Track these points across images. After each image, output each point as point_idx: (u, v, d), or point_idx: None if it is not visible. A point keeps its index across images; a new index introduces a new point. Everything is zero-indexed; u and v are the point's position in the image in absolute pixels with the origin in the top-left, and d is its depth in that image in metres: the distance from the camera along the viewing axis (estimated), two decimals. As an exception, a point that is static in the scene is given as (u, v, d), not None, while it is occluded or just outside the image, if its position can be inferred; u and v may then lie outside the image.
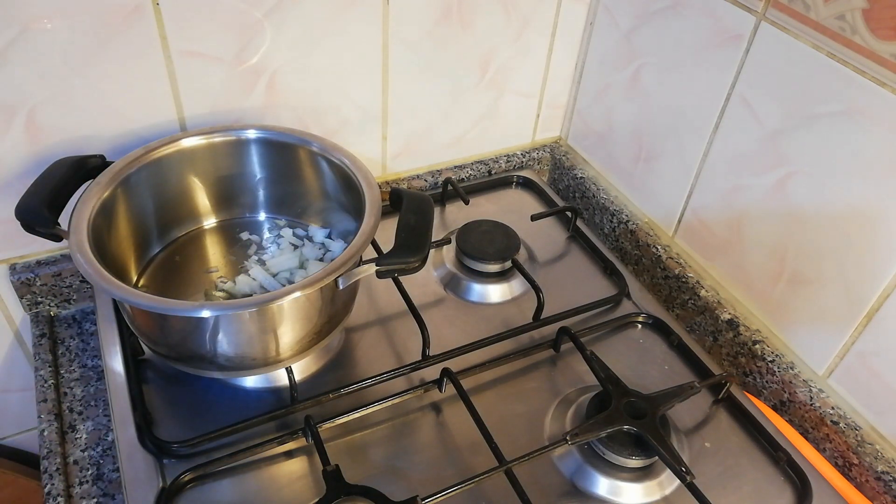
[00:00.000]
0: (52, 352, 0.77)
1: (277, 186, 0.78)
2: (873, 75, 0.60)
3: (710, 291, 0.82)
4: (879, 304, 0.65)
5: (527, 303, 0.80)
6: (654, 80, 0.84)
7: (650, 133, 0.87)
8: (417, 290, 0.79)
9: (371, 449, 0.65)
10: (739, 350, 0.78)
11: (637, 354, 0.76)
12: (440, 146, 0.95)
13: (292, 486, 0.62)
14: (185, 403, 0.67)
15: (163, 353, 0.66)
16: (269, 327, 0.61)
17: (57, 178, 0.64)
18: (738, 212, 0.77)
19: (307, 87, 0.80)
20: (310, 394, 0.67)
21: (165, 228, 0.76)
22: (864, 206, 0.64)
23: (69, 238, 0.60)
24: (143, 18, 0.68)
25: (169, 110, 0.75)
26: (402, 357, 0.73)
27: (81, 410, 0.71)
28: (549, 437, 0.68)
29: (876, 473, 0.66)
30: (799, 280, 0.72)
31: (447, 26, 0.83)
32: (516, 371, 0.73)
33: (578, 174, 1.00)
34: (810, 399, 0.72)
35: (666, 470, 0.64)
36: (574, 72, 0.97)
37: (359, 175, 0.69)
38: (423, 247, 0.63)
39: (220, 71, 0.74)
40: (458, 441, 0.66)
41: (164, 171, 0.72)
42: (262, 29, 0.73)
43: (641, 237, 0.90)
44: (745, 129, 0.73)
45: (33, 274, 0.76)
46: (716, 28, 0.74)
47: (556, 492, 0.63)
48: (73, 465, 0.66)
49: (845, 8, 0.61)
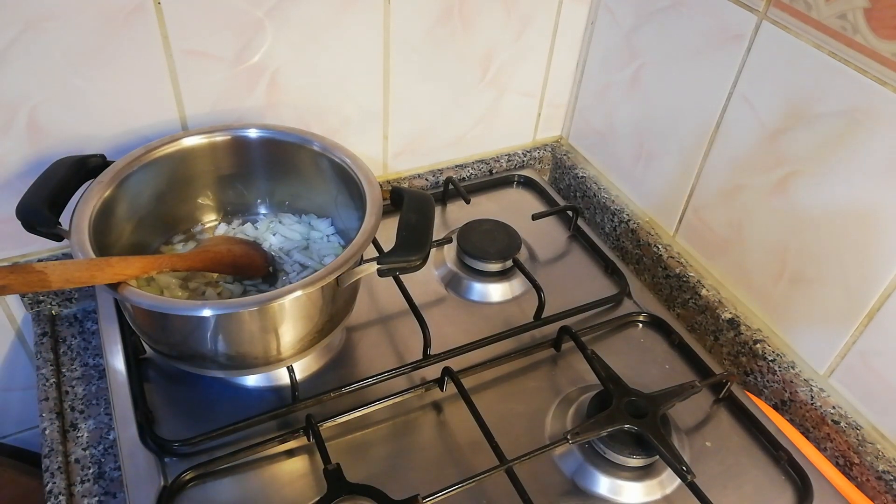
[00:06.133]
0: (54, 350, 0.77)
1: (278, 185, 0.78)
2: (875, 75, 0.60)
3: (710, 291, 0.82)
4: (881, 304, 0.65)
5: (528, 302, 0.80)
6: (655, 79, 0.84)
7: (651, 132, 0.87)
8: (418, 289, 0.79)
9: (372, 448, 0.65)
10: (740, 349, 0.78)
11: (638, 354, 0.76)
12: (441, 145, 0.95)
13: (293, 485, 0.62)
14: (186, 402, 0.67)
15: (164, 351, 0.66)
16: (270, 326, 0.61)
17: (58, 177, 0.64)
18: (738, 211, 0.77)
19: (308, 86, 0.80)
20: (311, 393, 0.68)
21: (166, 228, 0.76)
22: (866, 205, 0.63)
23: (70, 237, 0.60)
24: (145, 17, 0.68)
25: (170, 109, 0.75)
26: (403, 356, 0.73)
27: (83, 409, 0.71)
28: (549, 436, 0.68)
29: (877, 473, 0.66)
30: (800, 279, 0.72)
31: (448, 25, 0.83)
32: (517, 370, 0.74)
33: (579, 173, 1.00)
34: (811, 398, 0.72)
35: (667, 469, 0.64)
36: (575, 71, 0.97)
37: (360, 174, 0.69)
38: (424, 245, 0.63)
39: (221, 70, 0.74)
40: (458, 440, 0.66)
41: (166, 171, 0.71)
42: (263, 28, 0.73)
43: (642, 236, 0.90)
44: (746, 129, 0.73)
45: (35, 273, 0.76)
46: (717, 27, 0.73)
47: (556, 491, 0.63)
48: (74, 463, 0.67)
49: (847, 7, 0.61)
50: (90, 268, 0.54)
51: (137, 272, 0.58)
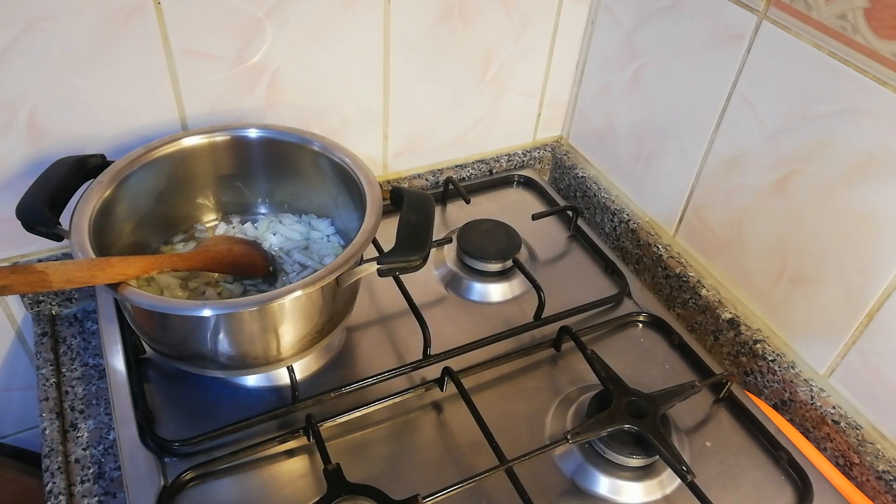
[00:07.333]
0: (54, 350, 0.77)
1: (278, 185, 0.78)
2: (875, 74, 0.60)
3: (710, 291, 0.82)
4: (881, 304, 0.65)
5: (528, 302, 0.80)
6: (656, 79, 0.84)
7: (651, 132, 0.87)
8: (418, 290, 0.79)
9: (372, 448, 0.65)
10: (740, 349, 0.78)
11: (638, 354, 0.76)
12: (441, 145, 0.95)
13: (293, 485, 0.62)
14: (186, 402, 0.67)
15: (164, 351, 0.66)
16: (270, 326, 0.61)
17: (58, 177, 0.64)
18: (739, 211, 0.77)
19: (308, 86, 0.80)
20: (311, 392, 0.68)
21: (166, 227, 0.76)
22: (866, 205, 0.63)
23: (70, 237, 0.60)
24: (145, 17, 0.68)
25: (170, 109, 0.75)
26: (403, 356, 0.73)
27: (83, 409, 0.71)
28: (549, 436, 0.68)
29: (877, 473, 0.66)
30: (800, 279, 0.72)
31: (448, 25, 0.83)
32: (517, 370, 0.74)
33: (579, 173, 1.00)
34: (811, 398, 0.72)
35: (667, 469, 0.64)
36: (575, 71, 0.97)
37: (360, 174, 0.69)
38: (424, 245, 0.63)
39: (221, 70, 0.74)
40: (458, 440, 0.67)
41: (166, 171, 0.72)
42: (263, 28, 0.73)
43: (642, 236, 0.90)
44: (746, 129, 0.73)
45: (35, 273, 0.76)
46: (717, 27, 0.73)
47: (556, 491, 0.63)
48: (74, 463, 0.67)
49: (847, 7, 0.61)
50: (91, 268, 0.54)
51: (138, 272, 0.58)
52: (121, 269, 0.56)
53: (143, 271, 0.58)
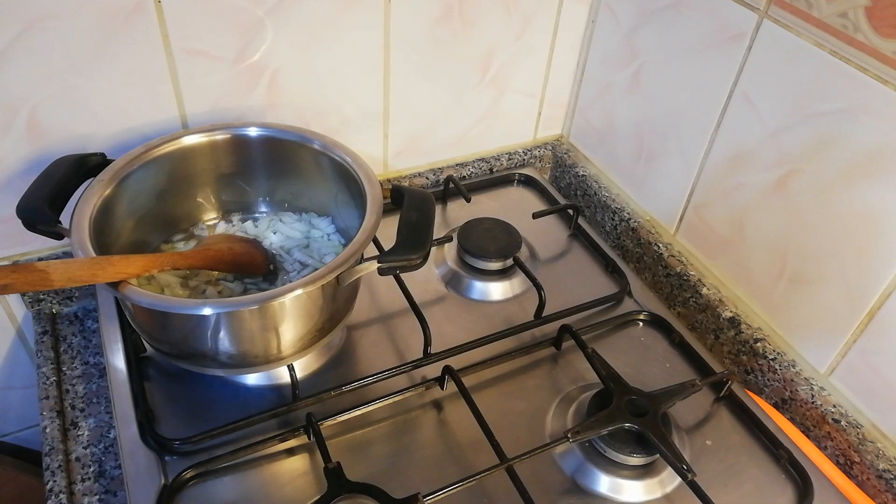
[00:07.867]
0: (54, 349, 0.77)
1: (279, 184, 0.78)
2: (876, 73, 0.60)
3: (711, 289, 0.82)
4: (881, 303, 0.65)
5: (528, 300, 0.80)
6: (656, 78, 0.84)
7: (652, 131, 0.87)
8: (419, 288, 0.79)
9: (372, 446, 0.65)
10: (741, 348, 0.78)
11: (638, 352, 0.76)
12: (442, 144, 0.95)
13: (294, 484, 0.62)
14: (186, 401, 0.67)
15: (164, 350, 0.66)
16: (270, 325, 0.61)
17: (58, 176, 0.64)
18: (739, 210, 0.77)
19: (309, 86, 0.80)
20: (311, 391, 0.68)
21: (167, 226, 0.76)
22: (866, 204, 0.63)
23: (70, 236, 0.60)
24: (145, 17, 0.68)
25: (170, 108, 0.75)
26: (403, 354, 0.73)
27: (83, 407, 0.71)
28: (550, 434, 0.68)
29: (877, 471, 0.66)
30: (800, 278, 0.72)
31: (448, 25, 0.83)
32: (517, 369, 0.74)
33: (580, 172, 1.00)
34: (812, 397, 0.72)
35: (667, 468, 0.64)
36: (576, 70, 0.97)
37: (360, 172, 0.69)
38: (425, 244, 0.63)
39: (221, 69, 0.74)
40: (459, 438, 0.67)
41: (166, 169, 0.71)
42: (263, 27, 0.73)
43: (643, 235, 0.90)
44: (746, 127, 0.73)
45: (35, 271, 0.77)
46: (718, 26, 0.73)
47: (557, 489, 0.63)
48: (75, 462, 0.67)
49: (848, 5, 0.61)
50: (92, 266, 0.54)
51: (138, 271, 0.58)
52: (121, 268, 0.56)
53: (143, 270, 0.58)
